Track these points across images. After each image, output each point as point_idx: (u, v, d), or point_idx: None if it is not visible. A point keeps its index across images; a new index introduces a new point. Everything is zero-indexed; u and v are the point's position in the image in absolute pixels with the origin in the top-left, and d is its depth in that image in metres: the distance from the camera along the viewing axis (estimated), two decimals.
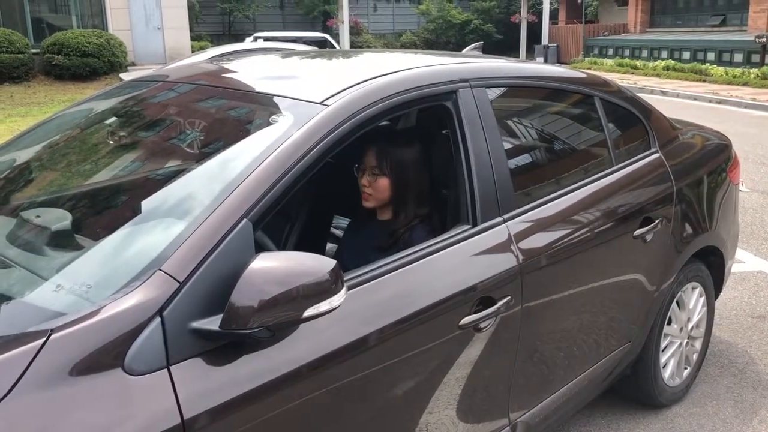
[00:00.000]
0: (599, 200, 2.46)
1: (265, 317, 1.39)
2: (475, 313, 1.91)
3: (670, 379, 2.99)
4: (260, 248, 1.57)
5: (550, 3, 33.04)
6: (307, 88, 2.03)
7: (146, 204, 1.75)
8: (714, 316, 3.32)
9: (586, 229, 2.35)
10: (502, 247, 2.05)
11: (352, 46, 34.05)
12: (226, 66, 2.57)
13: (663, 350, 2.92)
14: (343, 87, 1.91)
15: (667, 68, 21.24)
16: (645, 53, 24.63)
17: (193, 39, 28.39)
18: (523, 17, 34.88)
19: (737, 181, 3.31)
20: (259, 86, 2.19)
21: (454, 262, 1.94)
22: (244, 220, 1.52)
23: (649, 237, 2.59)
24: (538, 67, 3.09)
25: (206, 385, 1.40)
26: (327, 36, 22.11)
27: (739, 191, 3.41)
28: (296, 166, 1.64)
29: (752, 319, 3.97)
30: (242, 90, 2.22)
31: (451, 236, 1.97)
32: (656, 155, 2.82)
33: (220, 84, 2.34)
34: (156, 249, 1.49)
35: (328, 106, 1.81)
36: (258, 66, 2.57)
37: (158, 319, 1.37)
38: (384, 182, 2.20)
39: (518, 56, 35.01)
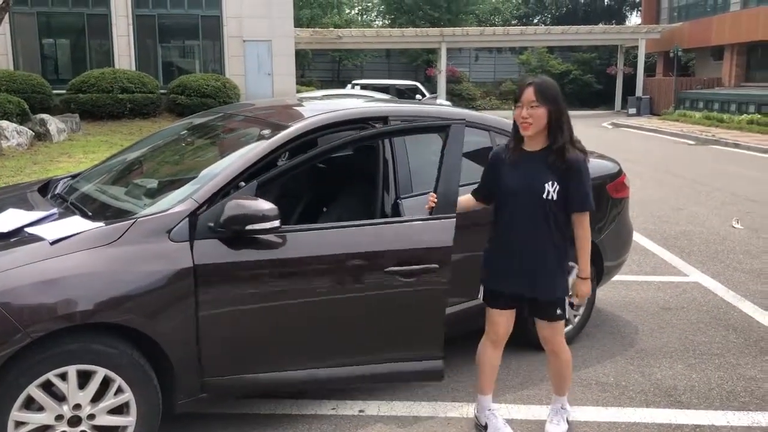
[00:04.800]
0: None
1: (230, 225, 2.94)
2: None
3: None
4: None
5: (648, 57, 33.55)
6: (288, 117, 3.63)
7: (190, 173, 3.40)
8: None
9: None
10: None
11: (451, 94, 35.90)
12: (266, 104, 4.26)
13: None
14: (304, 117, 3.50)
15: (750, 122, 21.54)
16: (733, 107, 24.87)
17: (303, 84, 31.23)
18: (619, 69, 35.55)
19: (618, 196, 4.58)
20: (267, 116, 3.83)
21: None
22: (235, 180, 3.11)
23: None
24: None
25: (206, 252, 2.97)
26: (418, 84, 23.98)
27: (624, 205, 4.68)
28: (264, 158, 3.22)
29: (660, 309, 5.15)
30: (258, 117, 3.88)
31: None
32: None
33: (250, 114, 4.02)
34: (191, 191, 3.11)
35: (290, 127, 3.39)
36: (276, 105, 4.23)
37: (187, 219, 2.97)
38: (541, 111, 2.95)
39: (613, 107, 35.64)
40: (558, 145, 2.97)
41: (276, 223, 2.99)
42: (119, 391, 2.79)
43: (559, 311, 3.15)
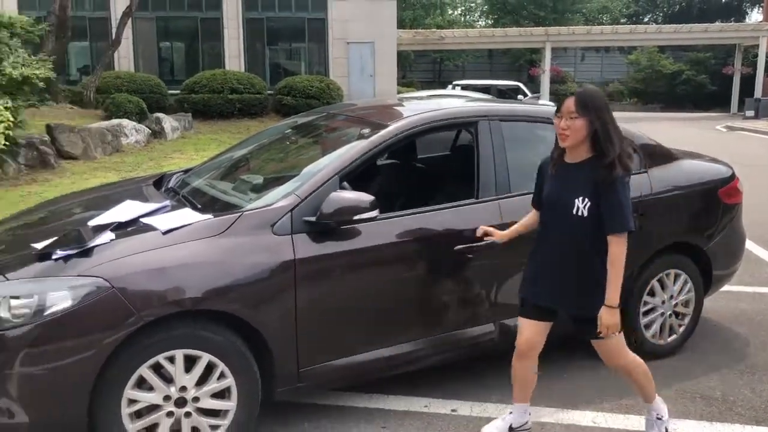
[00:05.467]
0: None
1: (334, 217, 3.04)
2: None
3: (652, 338, 4.11)
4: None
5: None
6: (387, 117, 3.68)
7: (293, 170, 3.52)
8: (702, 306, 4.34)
9: None
10: None
11: (556, 94, 35.07)
12: (367, 104, 4.35)
13: (644, 313, 4.07)
14: (403, 116, 3.55)
15: None
16: None
17: (404, 85, 31.45)
18: (737, 69, 33.62)
19: (730, 201, 4.34)
20: (367, 116, 3.90)
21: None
22: (335, 176, 3.20)
23: None
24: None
25: (306, 244, 3.07)
26: (520, 84, 23.65)
27: (736, 211, 4.42)
28: (363, 156, 3.30)
29: None
30: (358, 117, 3.96)
31: None
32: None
33: (351, 114, 4.11)
34: (293, 187, 3.22)
35: (389, 126, 3.45)
36: (377, 104, 4.30)
37: (289, 213, 3.08)
38: (580, 123, 2.80)
39: (728, 109, 33.72)
40: (609, 160, 2.79)
41: (375, 212, 3.12)
42: (222, 376, 2.93)
43: (602, 334, 2.89)
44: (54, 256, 2.84)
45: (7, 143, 6.57)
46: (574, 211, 2.85)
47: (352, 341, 3.28)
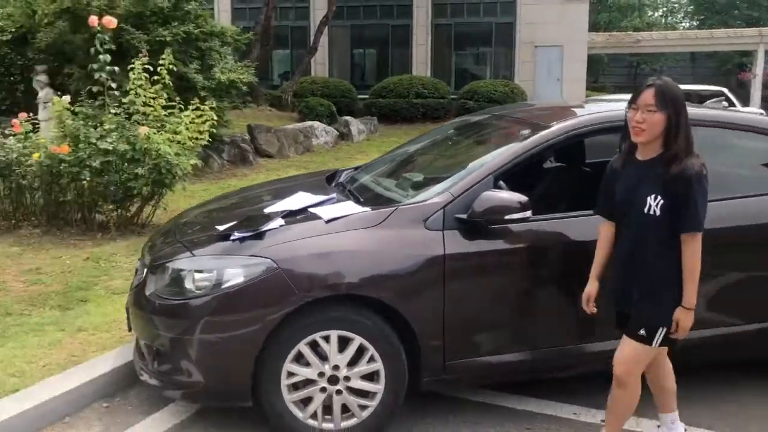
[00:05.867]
0: None
1: (485, 215, 3.10)
2: None
3: None
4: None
5: None
6: (550, 119, 3.67)
7: (451, 169, 3.62)
8: None
9: None
10: None
11: (766, 101, 31.94)
12: (538, 106, 4.38)
13: None
14: (566, 118, 3.52)
15: None
16: None
17: (595, 89, 30.28)
18: None
19: None
20: (531, 118, 3.92)
21: None
22: (489, 175, 3.26)
23: None
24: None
25: (456, 241, 3.16)
26: (725, 90, 21.74)
27: None
28: (519, 157, 3.33)
29: None
30: (522, 119, 3.99)
31: None
32: None
33: (516, 115, 4.15)
34: (449, 185, 3.33)
35: (549, 128, 3.44)
36: (548, 106, 4.28)
37: (442, 210, 3.19)
38: (658, 117, 2.64)
39: None
40: (671, 153, 2.65)
41: (528, 213, 3.13)
42: (371, 359, 3.11)
43: (643, 332, 2.75)
44: (231, 238, 3.19)
45: (211, 140, 7.32)
46: (646, 210, 2.71)
47: (498, 340, 3.32)
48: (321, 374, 3.10)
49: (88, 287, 4.91)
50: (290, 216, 3.39)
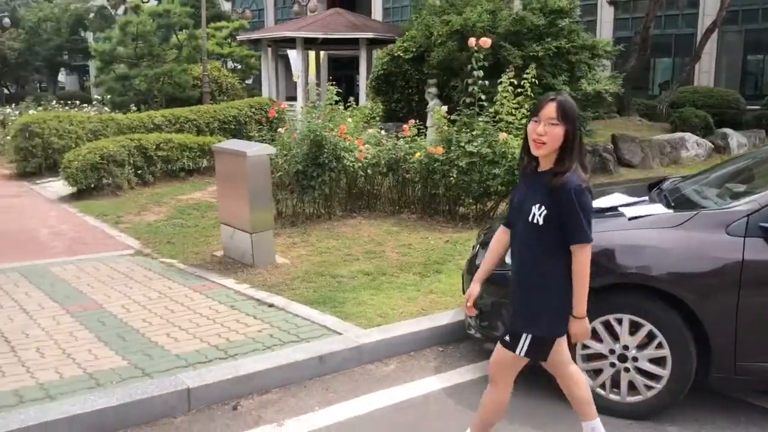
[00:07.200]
0: None
1: None
2: None
3: None
4: None
5: None
6: None
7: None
8: None
9: None
10: None
11: None
12: None
13: None
14: None
15: None
16: None
17: None
18: None
19: None
20: None
21: None
22: None
23: None
24: None
25: (757, 248, 3.30)
26: None
27: None
28: None
29: None
30: None
31: None
32: None
33: None
34: (759, 195, 3.46)
35: None
36: None
37: (746, 217, 3.36)
38: (558, 131, 2.67)
39: None
40: (561, 166, 2.69)
41: None
42: (659, 346, 3.45)
43: (508, 338, 2.84)
44: None
45: None
46: (530, 218, 2.75)
47: None
48: (611, 351, 3.55)
49: (443, 262, 6.03)
50: (600, 213, 3.87)
